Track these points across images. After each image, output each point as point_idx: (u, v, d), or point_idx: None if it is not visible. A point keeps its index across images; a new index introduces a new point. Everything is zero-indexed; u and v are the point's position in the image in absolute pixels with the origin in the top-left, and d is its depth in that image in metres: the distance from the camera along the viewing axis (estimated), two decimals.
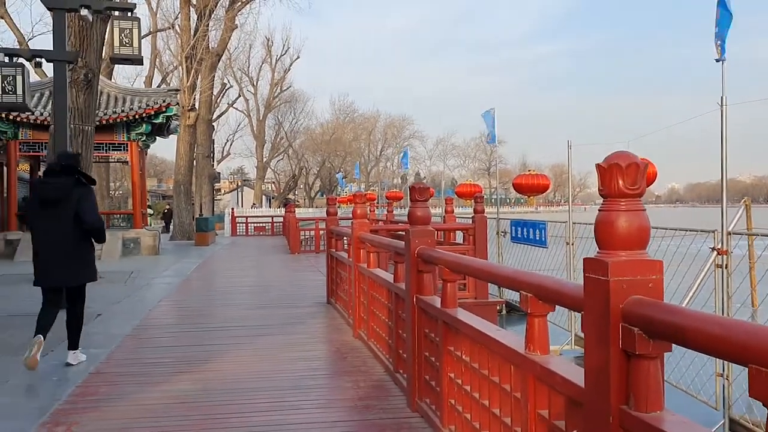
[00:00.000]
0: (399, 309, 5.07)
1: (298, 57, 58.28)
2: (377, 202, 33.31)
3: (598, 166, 2.10)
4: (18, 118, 17.08)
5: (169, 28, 34.55)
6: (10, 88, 8.43)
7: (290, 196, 63.55)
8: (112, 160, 23.06)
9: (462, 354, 3.59)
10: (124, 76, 52.05)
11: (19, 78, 8.47)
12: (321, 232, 19.08)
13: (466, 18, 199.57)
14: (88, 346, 6.54)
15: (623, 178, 2.03)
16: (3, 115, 17.01)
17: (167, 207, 37.14)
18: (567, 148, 11.09)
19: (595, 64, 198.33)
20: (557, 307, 2.65)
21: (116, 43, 8.87)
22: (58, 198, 5.55)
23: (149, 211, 32.44)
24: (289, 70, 57.53)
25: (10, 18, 26.63)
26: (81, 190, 5.65)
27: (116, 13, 9.26)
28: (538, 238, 12.10)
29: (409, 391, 4.49)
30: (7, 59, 8.62)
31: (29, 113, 16.87)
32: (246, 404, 4.65)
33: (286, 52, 56.71)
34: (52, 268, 5.62)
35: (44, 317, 5.67)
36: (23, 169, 21.58)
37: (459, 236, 12.05)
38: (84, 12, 8.79)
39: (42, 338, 5.50)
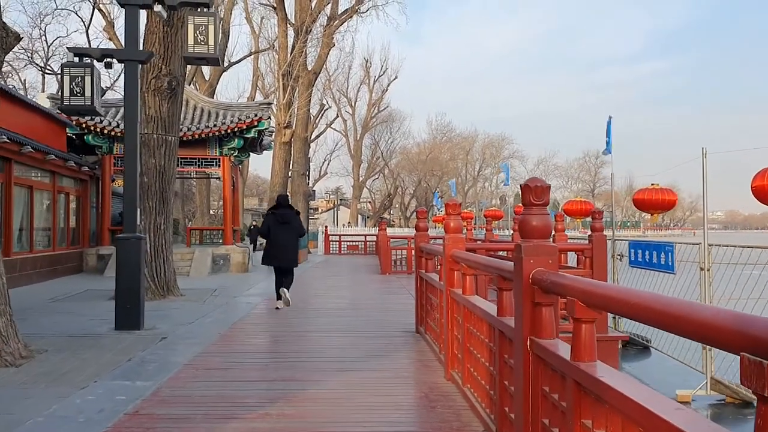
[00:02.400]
0: (504, 352, 3.80)
1: (395, 77, 58.13)
2: (474, 223, 31.76)
3: None
4: (112, 132, 17.00)
5: (269, 48, 34.93)
6: (78, 90, 7.82)
7: (385, 215, 62.96)
8: (212, 176, 22.95)
9: None
10: (227, 96, 53.40)
11: (87, 79, 7.84)
12: (413, 251, 17.90)
13: (566, 38, 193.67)
14: (136, 378, 5.67)
15: None
16: (98, 129, 16.96)
17: (253, 224, 37.00)
18: (701, 156, 9.41)
19: (703, 82, 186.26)
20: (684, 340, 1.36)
21: (191, 41, 8.12)
22: (288, 220, 10.24)
23: None
24: (386, 90, 57.39)
25: (119, 41, 27.55)
26: (297, 217, 10.53)
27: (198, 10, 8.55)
28: (663, 263, 10.40)
29: None
30: (76, 59, 8.07)
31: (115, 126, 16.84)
32: None
33: (384, 72, 56.61)
34: (283, 258, 10.23)
35: (278, 284, 10.29)
36: (119, 184, 21.74)
37: (571, 259, 10.58)
38: (158, 8, 8.13)
39: (281, 298, 10.17)
